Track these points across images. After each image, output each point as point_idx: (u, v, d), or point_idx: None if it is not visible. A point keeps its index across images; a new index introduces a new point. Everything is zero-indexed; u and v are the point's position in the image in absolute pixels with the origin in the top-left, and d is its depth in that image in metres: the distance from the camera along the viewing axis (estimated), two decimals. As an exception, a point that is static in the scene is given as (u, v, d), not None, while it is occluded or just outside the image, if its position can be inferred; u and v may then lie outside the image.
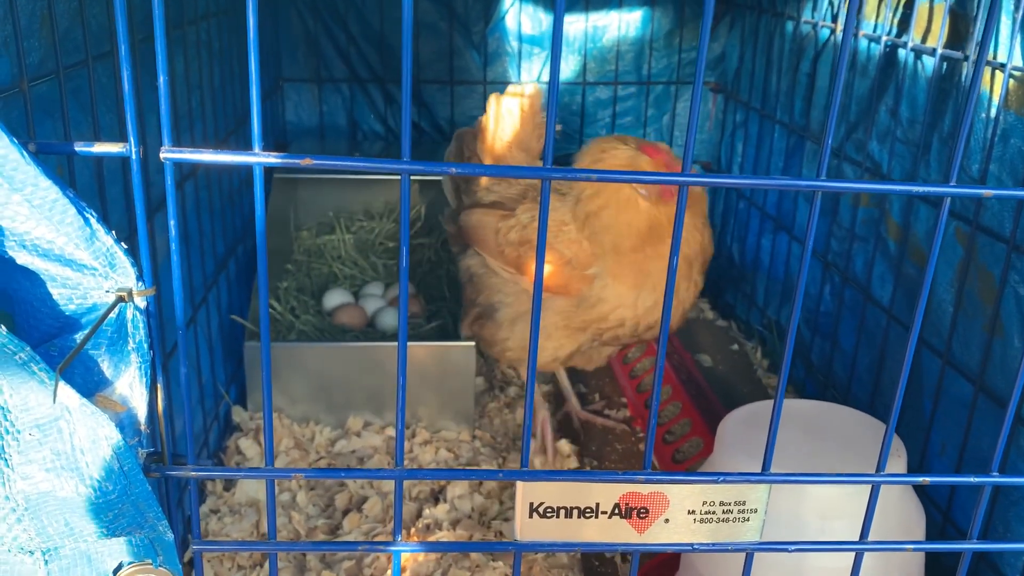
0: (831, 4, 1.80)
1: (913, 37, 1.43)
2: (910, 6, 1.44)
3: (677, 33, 2.42)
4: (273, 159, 0.58)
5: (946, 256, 1.32)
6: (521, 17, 2.41)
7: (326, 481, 1.62)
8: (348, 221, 2.33)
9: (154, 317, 0.63)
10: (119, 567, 0.61)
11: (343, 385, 1.76)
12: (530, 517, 0.70)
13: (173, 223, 0.60)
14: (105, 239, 0.59)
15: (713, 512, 0.70)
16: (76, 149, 0.60)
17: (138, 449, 0.64)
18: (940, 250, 1.32)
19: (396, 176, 1.42)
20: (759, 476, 0.70)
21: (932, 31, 1.39)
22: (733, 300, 2.32)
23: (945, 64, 1.35)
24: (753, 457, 1.03)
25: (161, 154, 0.58)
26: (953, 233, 1.30)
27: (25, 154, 0.55)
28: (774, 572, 1.04)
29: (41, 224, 0.57)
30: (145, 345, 0.63)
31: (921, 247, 1.42)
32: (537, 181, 1.61)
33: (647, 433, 0.69)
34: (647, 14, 2.41)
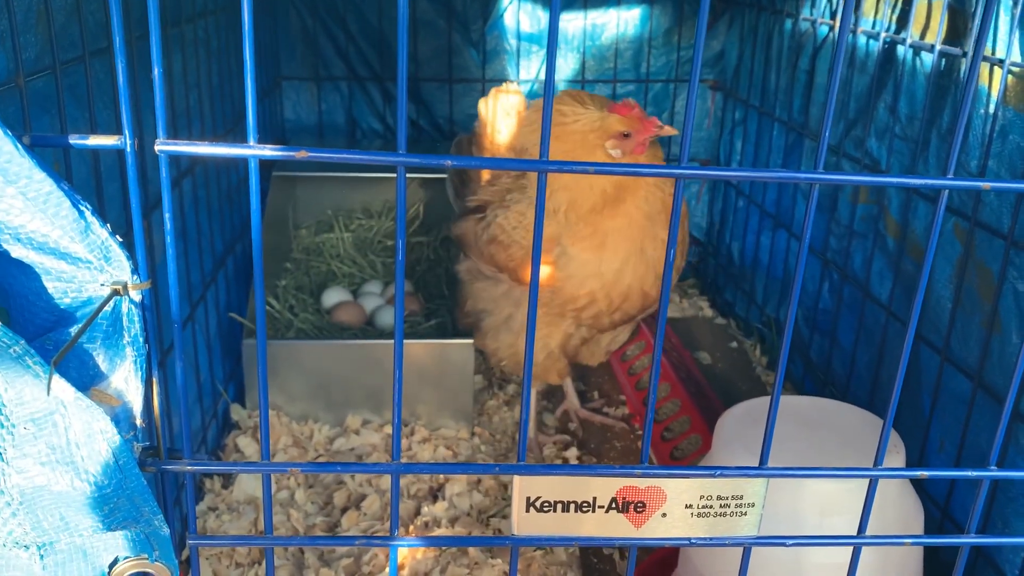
0: (830, 1, 1.80)
1: (912, 33, 1.43)
2: (909, 2, 1.44)
3: (676, 31, 2.42)
4: (268, 151, 0.58)
5: (945, 252, 1.32)
6: (520, 15, 2.40)
7: (325, 479, 1.62)
8: (347, 219, 2.33)
9: (150, 311, 0.63)
10: (115, 562, 0.60)
11: (342, 383, 1.76)
12: (527, 511, 0.69)
13: (168, 216, 0.60)
14: (100, 232, 0.59)
15: (710, 506, 0.70)
16: (71, 142, 0.59)
17: (134, 443, 0.64)
18: (939, 246, 1.33)
19: (395, 174, 1.42)
20: (755, 470, 0.70)
21: (931, 27, 1.39)
22: (732, 298, 2.32)
23: (944, 60, 1.34)
24: (751, 453, 1.03)
25: (156, 146, 0.58)
26: (952, 229, 1.30)
27: (20, 147, 0.55)
28: (773, 568, 1.03)
29: (36, 217, 0.57)
30: (140, 339, 0.62)
31: (920, 244, 1.42)
32: (515, 183, 1.63)
33: (644, 427, 0.68)
34: (646, 12, 2.41)
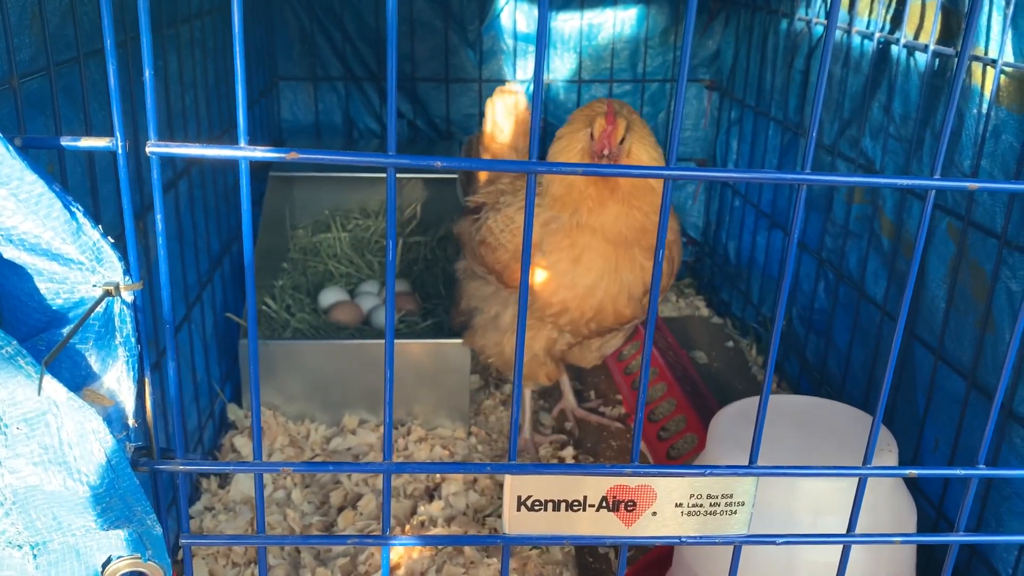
0: (825, 1, 1.81)
1: (906, 33, 1.43)
2: (903, 3, 1.45)
3: (672, 31, 2.43)
4: (259, 153, 0.59)
5: (938, 252, 1.32)
6: (516, 15, 2.41)
7: (321, 479, 1.62)
8: (344, 219, 2.33)
9: (143, 312, 0.63)
10: (108, 561, 0.60)
11: (338, 383, 1.76)
12: (518, 510, 0.70)
13: (160, 217, 0.60)
14: (92, 233, 0.59)
15: (700, 505, 0.70)
16: (63, 143, 0.60)
17: (126, 443, 0.64)
18: (932, 246, 1.33)
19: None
20: (745, 469, 0.70)
21: (924, 27, 1.39)
22: (728, 297, 2.32)
23: (937, 60, 1.35)
24: (745, 452, 1.03)
25: (147, 148, 0.58)
26: (945, 229, 1.30)
27: (11, 148, 0.55)
28: (766, 567, 1.04)
29: (28, 219, 0.57)
30: (132, 339, 0.63)
31: (914, 244, 1.42)
32: (510, 186, 1.64)
33: (635, 425, 0.69)
34: (642, 12, 2.41)
